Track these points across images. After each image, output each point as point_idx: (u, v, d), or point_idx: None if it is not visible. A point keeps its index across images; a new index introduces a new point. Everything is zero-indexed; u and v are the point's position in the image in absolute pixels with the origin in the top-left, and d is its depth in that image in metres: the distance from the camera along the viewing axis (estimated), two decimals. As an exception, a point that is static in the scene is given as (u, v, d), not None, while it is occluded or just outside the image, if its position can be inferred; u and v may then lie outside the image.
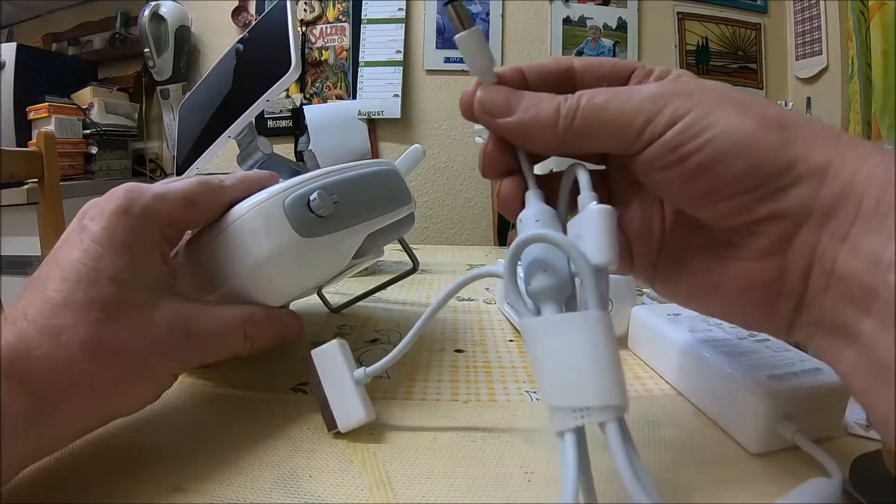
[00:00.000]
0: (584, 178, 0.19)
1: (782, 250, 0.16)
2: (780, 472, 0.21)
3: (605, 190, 0.22)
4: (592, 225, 0.17)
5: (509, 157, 0.21)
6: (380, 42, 1.75)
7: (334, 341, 0.24)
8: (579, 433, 0.16)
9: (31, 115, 1.57)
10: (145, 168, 1.88)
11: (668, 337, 0.29)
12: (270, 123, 1.80)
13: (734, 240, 0.18)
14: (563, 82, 0.21)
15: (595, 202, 0.18)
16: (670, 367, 0.29)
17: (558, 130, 0.19)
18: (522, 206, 0.20)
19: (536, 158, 0.22)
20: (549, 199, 0.20)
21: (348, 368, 0.24)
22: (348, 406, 0.23)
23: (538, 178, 0.21)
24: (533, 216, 0.19)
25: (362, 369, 0.23)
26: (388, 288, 0.42)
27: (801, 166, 0.16)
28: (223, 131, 0.57)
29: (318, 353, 0.24)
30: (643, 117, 0.17)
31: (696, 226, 0.19)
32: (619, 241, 0.19)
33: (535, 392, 0.29)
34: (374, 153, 1.75)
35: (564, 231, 0.19)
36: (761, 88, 1.82)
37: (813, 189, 0.15)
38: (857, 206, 0.15)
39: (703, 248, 0.19)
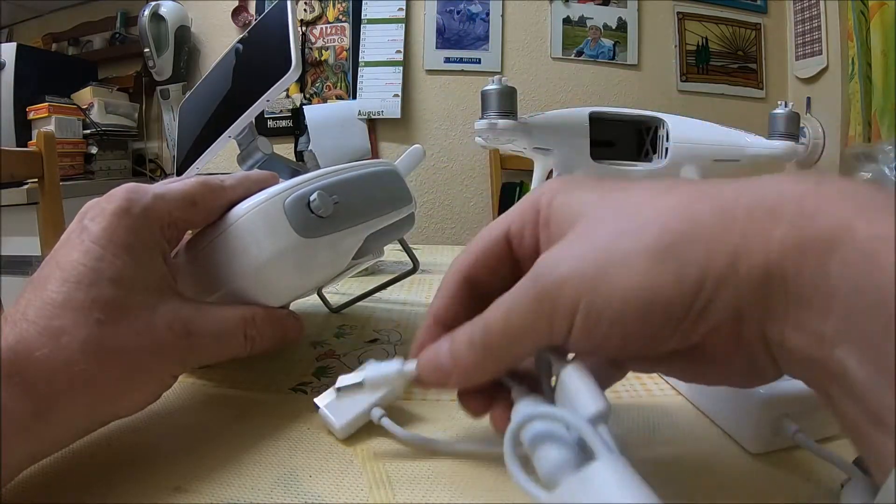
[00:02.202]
0: (552, 360, 0.19)
1: (737, 345, 0.16)
2: (780, 472, 0.21)
3: None
4: (572, 384, 0.17)
5: (488, 390, 0.20)
6: (380, 42, 1.75)
7: (400, 386, 0.23)
8: None
9: (31, 115, 1.57)
10: (145, 168, 1.88)
11: (668, 337, 0.29)
12: (270, 123, 1.80)
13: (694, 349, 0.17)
14: (472, 290, 0.21)
15: (565, 366, 0.18)
16: (670, 368, 0.29)
17: (485, 366, 0.19)
18: None
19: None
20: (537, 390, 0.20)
21: (375, 401, 0.23)
22: (341, 411, 0.23)
23: (524, 373, 0.21)
24: (519, 409, 0.19)
25: (381, 412, 0.23)
26: (388, 288, 0.42)
27: (709, 283, 0.15)
28: (223, 131, 0.57)
29: (372, 369, 0.23)
30: (545, 321, 0.17)
31: None
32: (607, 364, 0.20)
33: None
34: (374, 153, 1.75)
35: None
36: (761, 88, 1.82)
37: (729, 294, 0.15)
38: (784, 289, 0.14)
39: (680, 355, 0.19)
